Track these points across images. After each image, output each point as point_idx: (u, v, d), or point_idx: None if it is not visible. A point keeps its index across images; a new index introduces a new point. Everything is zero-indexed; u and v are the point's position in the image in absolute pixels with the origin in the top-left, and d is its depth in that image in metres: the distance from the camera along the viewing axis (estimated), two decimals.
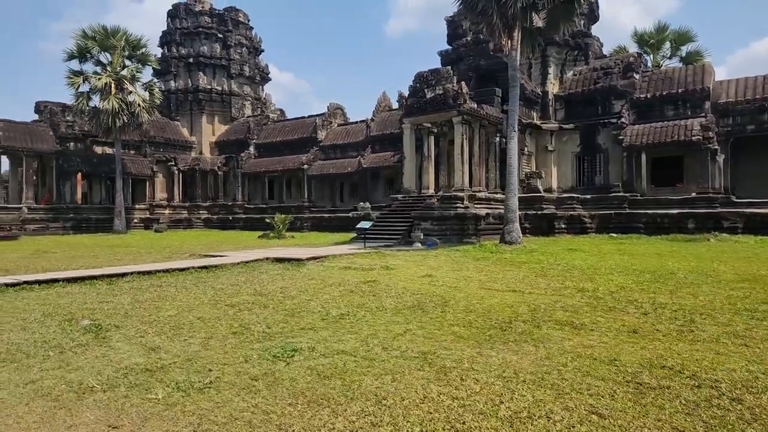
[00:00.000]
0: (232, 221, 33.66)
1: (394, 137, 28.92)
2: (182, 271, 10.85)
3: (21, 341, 4.98)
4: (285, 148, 33.95)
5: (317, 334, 5.10)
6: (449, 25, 25.56)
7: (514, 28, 14.07)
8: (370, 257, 13.10)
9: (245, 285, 8.90)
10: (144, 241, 23.77)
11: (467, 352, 4.41)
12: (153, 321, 5.90)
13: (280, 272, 10.70)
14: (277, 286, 8.67)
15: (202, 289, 8.51)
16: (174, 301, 7.33)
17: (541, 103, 22.58)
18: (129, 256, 15.46)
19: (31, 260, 14.51)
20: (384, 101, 30.92)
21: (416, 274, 10.10)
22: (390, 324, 5.54)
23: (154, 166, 34.20)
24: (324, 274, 10.34)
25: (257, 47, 40.13)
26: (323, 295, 7.61)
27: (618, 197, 20.17)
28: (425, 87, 19.51)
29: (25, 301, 7.38)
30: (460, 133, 18.77)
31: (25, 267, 12.33)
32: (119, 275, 9.90)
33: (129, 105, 28.29)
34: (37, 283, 8.75)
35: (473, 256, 12.96)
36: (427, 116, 19.61)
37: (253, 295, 7.81)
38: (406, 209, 18.66)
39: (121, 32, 28.40)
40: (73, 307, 6.86)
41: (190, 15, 37.73)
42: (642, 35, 26.94)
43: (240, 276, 10.20)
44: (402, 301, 6.99)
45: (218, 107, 37.55)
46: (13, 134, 29.31)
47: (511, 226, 14.63)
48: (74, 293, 8.19)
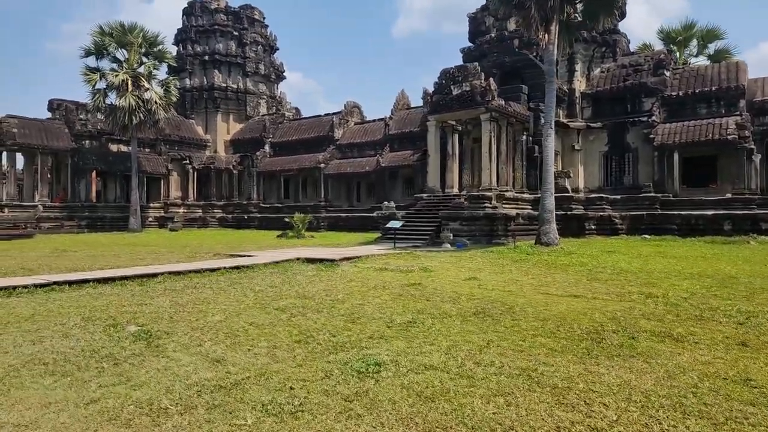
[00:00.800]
0: (247, 220, 33.31)
1: (414, 136, 28.45)
2: (213, 271, 10.43)
3: (67, 350, 4.55)
4: (301, 146, 33.55)
5: (391, 345, 4.62)
6: (471, 22, 25.03)
7: (551, 21, 13.54)
8: (403, 258, 12.62)
9: (284, 287, 8.45)
10: (161, 240, 23.44)
11: (572, 368, 3.92)
12: (204, 327, 5.45)
13: (315, 273, 10.25)
14: (318, 288, 8.21)
15: (241, 291, 8.07)
16: (217, 304, 6.88)
17: (567, 101, 21.99)
18: (151, 256, 15.07)
19: (51, 259, 14.16)
20: (402, 99, 30.43)
21: (459, 277, 9.61)
22: (465, 333, 5.05)
23: (169, 165, 33.93)
24: (361, 275, 9.87)
25: (272, 45, 39.79)
26: (374, 299, 7.14)
27: (649, 198, 19.55)
28: (451, 83, 19.00)
29: (58, 304, 6.97)
30: (488, 130, 18.24)
31: (47, 266, 11.96)
32: (150, 275, 9.49)
33: (145, 102, 28.00)
34: (67, 284, 8.35)
35: (511, 258, 12.43)
36: (453, 113, 19.10)
37: (297, 298, 7.35)
38: (432, 209, 18.16)
39: (138, 29, 28.13)
40: (112, 311, 6.44)
41: (205, 13, 37.45)
42: (668, 32, 26.24)
43: (274, 277, 9.75)
44: (462, 307, 6.49)
45: (233, 105, 37.23)
46: (28, 131, 29.12)
47: (548, 226, 14.09)
48: (107, 294, 7.77)
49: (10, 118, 29.12)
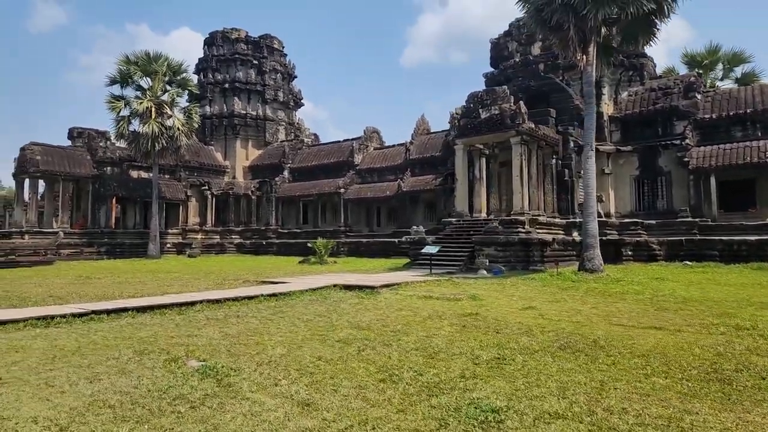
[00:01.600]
0: (266, 246, 32.93)
1: (435, 160, 28.20)
2: (251, 299, 9.97)
3: (130, 389, 4.08)
4: (320, 172, 33.42)
5: (493, 386, 4.09)
6: (494, 47, 25.04)
7: (589, 42, 13.29)
8: (443, 285, 12.07)
9: (333, 316, 7.95)
10: (182, 266, 23.08)
11: (723, 417, 3.37)
12: (270, 362, 4.96)
13: (357, 301, 9.75)
14: (370, 318, 7.70)
15: (289, 320, 7.58)
16: (270, 335, 6.39)
17: (596, 125, 21.60)
18: (178, 283, 14.67)
19: (78, 287, 13.80)
20: (422, 124, 30.33)
21: (513, 306, 9.05)
22: (566, 372, 4.52)
23: (188, 191, 33.90)
24: (408, 304, 9.34)
25: (291, 73, 40.24)
26: (437, 331, 6.62)
27: (686, 223, 18.91)
28: (479, 107, 18.76)
29: (102, 335, 6.52)
30: (519, 153, 17.88)
31: (77, 294, 11.59)
32: (188, 304, 9.04)
33: (168, 129, 28.14)
34: (105, 313, 7.93)
35: (557, 286, 11.84)
36: (481, 137, 18.80)
37: (353, 328, 6.85)
38: (462, 234, 17.66)
39: (162, 57, 28.52)
40: (162, 343, 5.97)
41: (226, 42, 38.08)
42: (693, 56, 26.05)
43: (316, 305, 9.26)
44: (541, 341, 5.94)
45: (252, 132, 37.42)
46: (51, 158, 29.30)
47: (592, 252, 13.51)
48: (150, 324, 7.33)
49: (33, 145, 29.37)
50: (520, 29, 23.35)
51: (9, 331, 6.77)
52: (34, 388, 4.11)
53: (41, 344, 5.92)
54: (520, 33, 23.33)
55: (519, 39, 23.40)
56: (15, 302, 10.18)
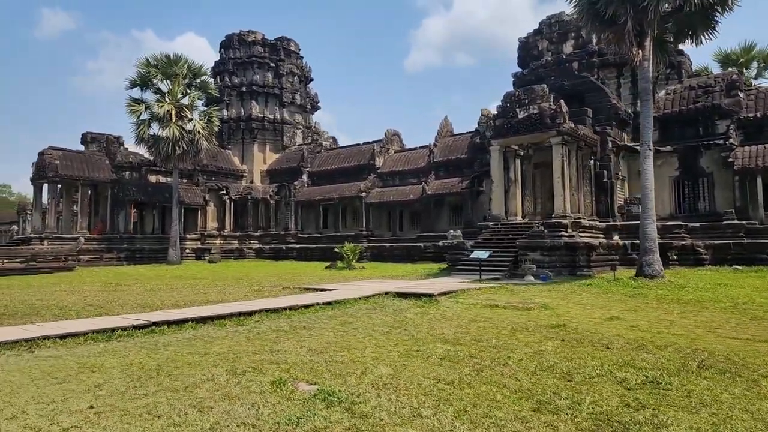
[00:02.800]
0: (285, 251, 32.39)
1: (461, 162, 27.62)
2: (307, 308, 9.42)
3: (253, 420, 3.51)
4: (340, 175, 32.90)
5: (678, 419, 3.49)
6: (522, 47, 24.48)
7: (645, 36, 12.70)
8: (500, 293, 11.46)
9: (410, 328, 7.36)
10: (206, 272, 22.55)
11: None
12: (385, 385, 4.38)
13: (420, 311, 9.16)
14: (451, 331, 7.10)
15: (364, 332, 7.01)
16: (359, 351, 5.81)
17: (632, 125, 21.01)
18: (213, 290, 14.14)
19: (111, 294, 13.30)
20: (445, 126, 29.77)
21: (594, 316, 8.44)
22: (744, 400, 3.91)
23: (206, 195, 33.47)
24: (477, 313, 8.74)
25: (307, 76, 39.83)
26: (539, 345, 6.02)
27: (732, 225, 18.20)
28: (516, 106, 18.19)
29: (174, 350, 5.96)
30: (560, 154, 17.28)
31: (116, 303, 11.07)
32: (245, 314, 8.49)
33: (188, 133, 27.73)
34: (165, 324, 7.39)
35: (622, 293, 11.21)
36: (519, 137, 18.21)
37: (443, 342, 6.26)
38: (503, 238, 17.05)
39: (182, 60, 28.16)
40: (246, 359, 5.41)
41: (243, 45, 37.73)
42: (728, 55, 25.40)
43: (381, 315, 8.68)
44: (666, 358, 5.33)
45: (270, 136, 36.99)
46: (70, 163, 28.95)
47: (651, 257, 12.87)
48: (218, 338, 6.77)
49: (52, 149, 29.06)
50: (552, 27, 22.80)
51: (71, 345, 6.23)
52: (140, 420, 3.54)
53: (114, 362, 5.37)
54: (551, 31, 22.77)
55: (550, 37, 22.84)
56: (56, 312, 9.67)
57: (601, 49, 21.18)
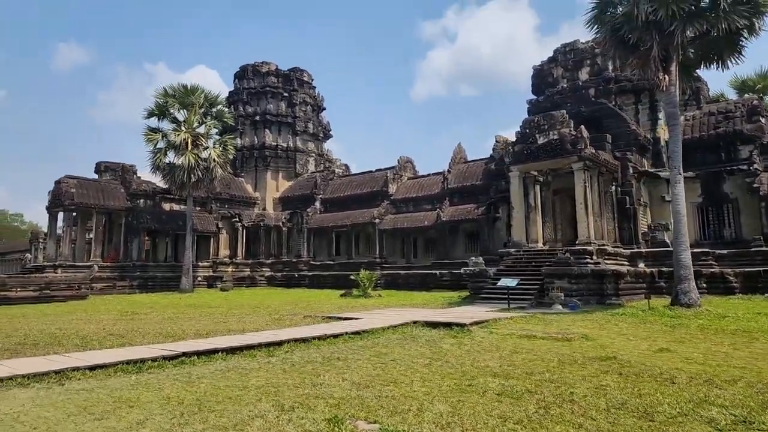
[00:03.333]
0: (298, 279, 32.04)
1: (475, 189, 27.46)
2: (336, 337, 9.07)
3: None
4: (353, 202, 32.80)
5: None
6: (537, 74, 24.63)
7: (671, 61, 12.63)
8: (533, 323, 11.04)
9: (451, 360, 7.00)
10: (220, 300, 22.21)
11: None
12: (448, 424, 4.04)
13: (455, 341, 8.77)
14: (495, 363, 6.73)
15: (404, 365, 6.66)
16: (406, 385, 5.46)
17: (652, 151, 20.83)
18: (232, 319, 13.81)
19: (129, 323, 13.00)
20: (459, 153, 29.78)
21: (641, 348, 8.02)
22: None
23: (219, 223, 33.41)
24: (517, 344, 8.35)
25: (320, 105, 40.32)
26: (598, 380, 5.64)
27: (761, 252, 17.71)
28: (536, 132, 18.10)
29: (209, 383, 5.64)
30: (582, 180, 17.05)
31: (137, 332, 10.77)
32: (274, 343, 8.16)
33: (204, 161, 27.88)
34: (195, 355, 7.07)
35: (661, 322, 10.76)
36: (539, 163, 18.05)
37: (491, 376, 5.88)
38: (526, 265, 16.67)
39: (199, 90, 28.59)
40: (290, 394, 5.08)
41: (257, 75, 38.40)
42: (744, 81, 25.39)
43: (415, 346, 8.31)
44: (747, 396, 4.94)
45: (283, 163, 37.19)
46: (85, 191, 29.10)
47: (687, 285, 12.43)
48: (252, 369, 6.45)
49: (68, 178, 29.27)
50: (567, 55, 22.95)
51: (101, 377, 5.92)
52: None
53: (151, 396, 5.06)
54: (566, 59, 22.91)
55: (565, 65, 22.97)
56: (77, 341, 9.38)
57: (618, 75, 21.22)
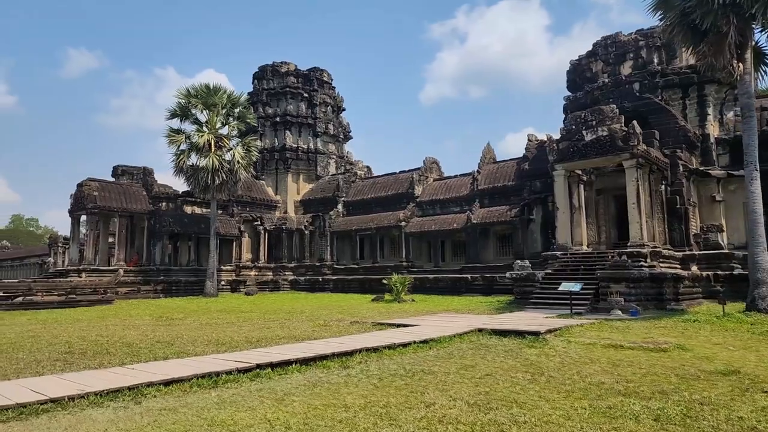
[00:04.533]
0: (322, 283, 31.39)
1: (507, 190, 26.64)
2: (405, 347, 8.36)
3: None
4: (377, 205, 32.10)
5: None
6: (574, 69, 23.82)
7: (746, 48, 11.83)
8: (608, 330, 10.27)
9: (554, 374, 6.27)
10: (248, 305, 21.62)
11: None
12: None
13: (538, 352, 8.03)
14: (609, 378, 6.00)
15: (503, 379, 5.96)
16: (530, 407, 4.75)
17: (701, 148, 19.92)
18: (273, 324, 13.19)
19: (171, 329, 12.44)
20: (488, 153, 29.01)
21: (748, 359, 7.23)
22: None
23: (241, 226, 32.86)
24: (611, 356, 7.59)
25: (340, 106, 39.75)
26: (757, 402, 4.88)
27: None
28: (583, 128, 17.31)
29: (300, 401, 4.96)
30: (634, 179, 16.22)
31: (185, 340, 10.18)
32: (346, 354, 7.47)
33: (227, 162, 27.37)
34: (269, 367, 6.40)
35: (746, 330, 9.93)
36: (587, 161, 17.25)
37: (630, 396, 5.15)
38: (576, 269, 15.86)
39: (222, 90, 28.10)
40: (403, 417, 4.40)
41: (276, 76, 37.91)
42: None
43: (499, 357, 7.59)
44: None
45: (303, 166, 36.61)
46: (108, 194, 28.71)
47: (766, 289, 11.57)
48: (334, 383, 5.77)
49: (90, 181, 28.89)
50: (608, 48, 22.13)
51: (178, 394, 5.27)
52: None
53: (247, 418, 4.39)
54: (607, 52, 22.09)
55: (606, 59, 22.15)
56: (126, 350, 8.78)
57: (665, 69, 20.37)
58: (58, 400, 4.65)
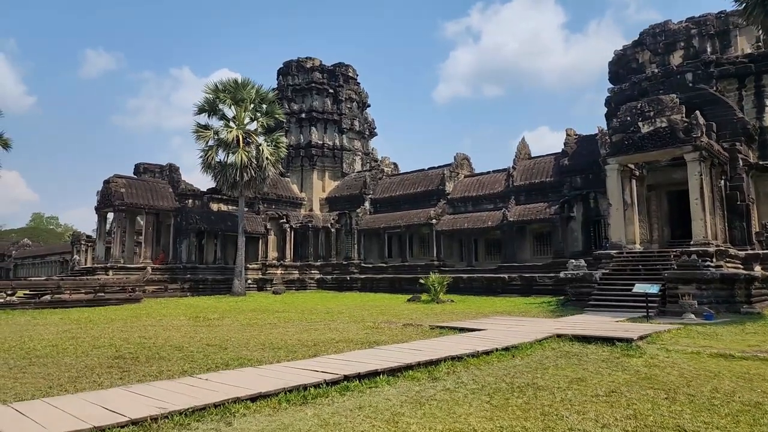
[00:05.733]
0: (350, 282, 30.68)
1: (545, 186, 25.64)
2: (488, 354, 7.54)
3: None
4: (405, 202, 31.30)
5: None
6: (618, 60, 22.73)
7: None
8: (696, 336, 9.33)
9: (691, 392, 5.39)
10: (280, 305, 20.96)
11: None
12: None
13: (643, 363, 7.15)
14: (750, 397, 5.09)
15: (632, 397, 5.09)
16: None
17: (758, 141, 18.76)
18: (318, 325, 12.49)
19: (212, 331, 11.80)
20: (523, 149, 27.98)
21: None
22: None
23: (267, 224, 32.30)
24: (729, 367, 6.71)
25: (364, 101, 39.02)
26: None
27: None
28: (639, 120, 16.29)
29: (418, 425, 4.18)
30: (697, 173, 15.18)
31: (238, 343, 9.54)
32: (431, 363, 6.67)
33: (256, 159, 26.77)
34: (356, 378, 5.63)
35: None
36: (644, 154, 16.25)
37: None
38: (635, 268, 14.87)
39: (250, 85, 27.51)
40: None
41: (301, 72, 37.31)
42: None
43: (602, 369, 6.73)
44: None
45: (329, 163, 35.94)
46: (135, 191, 28.34)
47: None
48: (438, 399, 5.00)
49: (117, 177, 28.57)
50: (656, 37, 21.03)
51: (267, 412, 4.54)
52: None
53: None
54: (655, 41, 20.99)
55: (654, 48, 21.05)
56: (180, 355, 8.10)
57: (719, 58, 19.24)
58: (140, 422, 3.93)
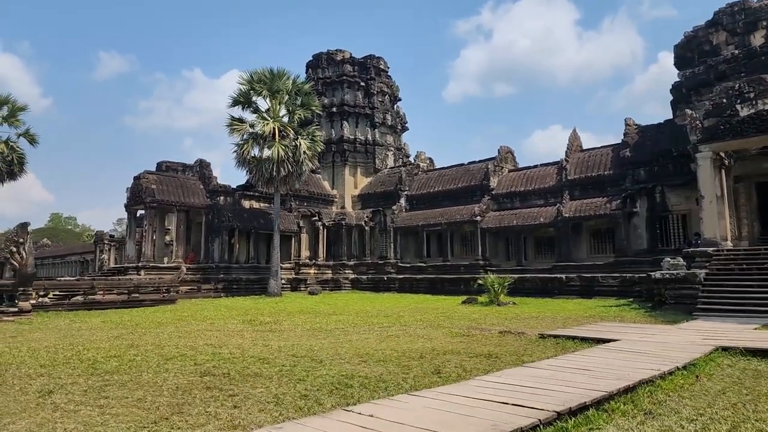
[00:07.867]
0: (387, 282, 29.20)
1: (603, 180, 23.95)
2: (671, 374, 5.98)
3: None
4: (444, 198, 29.81)
5: None
6: (687, 42, 20.97)
7: None
8: None
9: None
10: (324, 306, 19.55)
11: None
12: None
13: None
14: None
15: None
16: None
17: None
18: (397, 330, 11.03)
19: (277, 337, 10.38)
20: (575, 140, 26.32)
21: None
22: None
23: (300, 222, 30.96)
24: None
25: (396, 95, 37.54)
26: None
27: None
28: (737, 102, 14.60)
29: None
30: None
31: (328, 354, 8.08)
32: (628, 390, 5.14)
33: (293, 153, 25.40)
34: (568, 415, 4.13)
35: None
36: (744, 140, 14.57)
37: None
38: (747, 268, 13.18)
39: (285, 75, 26.17)
40: None
41: (331, 64, 35.94)
42: None
43: None
44: None
45: (361, 158, 34.51)
46: (165, 187, 27.16)
47: None
48: None
49: (148, 174, 27.43)
50: (735, 16, 19.27)
51: None
52: None
53: None
54: (734, 21, 19.23)
55: (732, 28, 19.29)
56: (275, 371, 6.67)
57: None
58: None
